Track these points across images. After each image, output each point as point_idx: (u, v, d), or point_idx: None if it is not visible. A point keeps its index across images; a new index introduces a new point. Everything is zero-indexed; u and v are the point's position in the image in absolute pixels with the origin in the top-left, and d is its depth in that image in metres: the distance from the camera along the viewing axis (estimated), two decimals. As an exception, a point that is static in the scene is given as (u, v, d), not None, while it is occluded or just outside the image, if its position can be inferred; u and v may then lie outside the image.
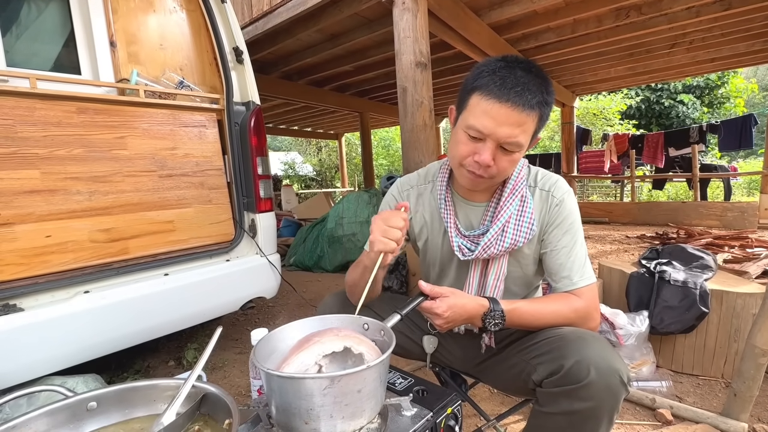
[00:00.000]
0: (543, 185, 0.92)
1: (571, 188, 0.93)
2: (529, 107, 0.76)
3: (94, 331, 1.37)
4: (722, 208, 4.98)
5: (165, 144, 1.65)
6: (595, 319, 0.86)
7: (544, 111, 0.80)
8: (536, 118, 0.79)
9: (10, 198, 1.28)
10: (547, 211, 0.90)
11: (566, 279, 0.86)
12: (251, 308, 2.64)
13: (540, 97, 0.77)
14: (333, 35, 3.67)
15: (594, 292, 0.87)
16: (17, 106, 1.32)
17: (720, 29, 3.79)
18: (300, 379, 0.56)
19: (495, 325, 0.81)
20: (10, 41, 1.42)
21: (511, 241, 0.87)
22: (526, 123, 0.77)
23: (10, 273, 1.28)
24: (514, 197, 0.88)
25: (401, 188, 1.04)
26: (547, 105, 0.79)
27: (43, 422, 0.51)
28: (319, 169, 16.18)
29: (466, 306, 0.80)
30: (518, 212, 0.88)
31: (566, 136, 6.83)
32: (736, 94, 12.42)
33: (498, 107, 0.75)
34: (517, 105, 0.75)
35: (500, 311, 0.81)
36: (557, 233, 0.88)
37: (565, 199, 0.89)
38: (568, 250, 0.87)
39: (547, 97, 0.79)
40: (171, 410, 0.54)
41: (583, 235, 0.91)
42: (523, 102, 0.75)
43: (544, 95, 0.78)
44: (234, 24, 1.89)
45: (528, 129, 0.78)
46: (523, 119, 0.76)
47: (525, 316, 0.83)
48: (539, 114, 0.79)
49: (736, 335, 1.56)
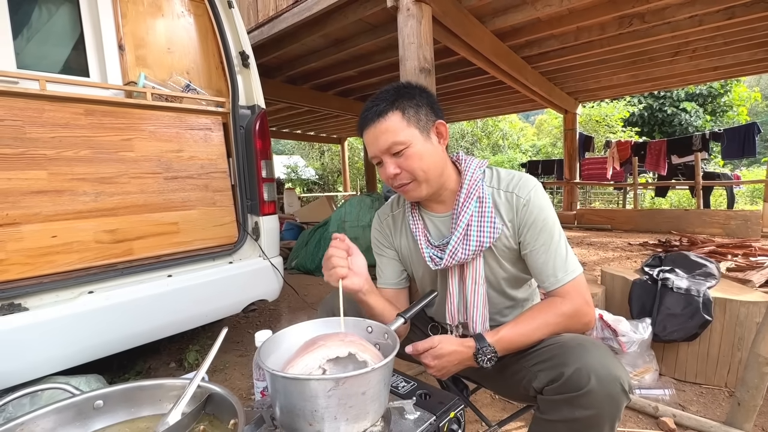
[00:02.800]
0: (506, 186, 0.91)
1: (538, 182, 0.92)
2: (381, 114, 0.85)
3: (97, 331, 1.37)
4: (725, 216, 4.96)
5: (171, 146, 1.67)
6: (587, 314, 0.85)
7: (406, 104, 0.85)
8: (397, 115, 0.84)
9: (17, 198, 1.29)
10: (516, 213, 0.89)
11: (552, 277, 0.86)
12: (253, 311, 2.64)
13: (389, 99, 0.85)
14: (338, 40, 3.71)
15: (581, 285, 0.86)
16: (27, 107, 1.33)
17: (723, 38, 3.80)
18: (305, 380, 0.57)
19: (489, 361, 0.80)
20: (21, 44, 1.44)
21: (476, 242, 0.87)
22: (388, 127, 0.84)
23: (16, 272, 1.28)
24: (470, 200, 0.89)
25: (380, 218, 1.09)
26: (403, 98, 0.85)
27: (50, 420, 0.52)
28: (321, 173, 16.23)
29: (452, 353, 0.81)
30: (478, 212, 0.89)
31: (569, 143, 6.84)
32: (739, 102, 12.42)
33: (367, 133, 0.88)
34: (372, 120, 0.86)
35: (488, 346, 0.80)
36: (533, 233, 0.88)
37: (531, 197, 0.88)
38: (547, 247, 0.87)
39: (398, 94, 0.86)
40: (176, 410, 0.54)
41: (561, 229, 0.89)
42: (373, 114, 0.85)
43: (393, 96, 0.86)
44: (241, 28, 1.91)
45: (397, 128, 0.84)
46: (386, 125, 0.84)
47: (514, 340, 0.82)
48: (399, 110, 0.85)
49: (740, 344, 1.55)
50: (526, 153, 16.18)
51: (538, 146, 16.43)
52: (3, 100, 1.29)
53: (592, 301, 0.87)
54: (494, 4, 3.00)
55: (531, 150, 16.45)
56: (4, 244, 1.26)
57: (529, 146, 16.70)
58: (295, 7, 3.06)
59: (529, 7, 3.03)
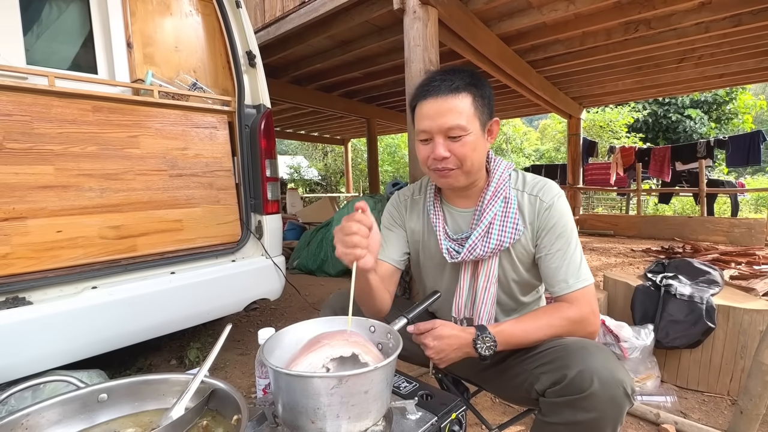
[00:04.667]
0: (531, 190, 0.92)
1: (562, 191, 0.93)
2: (454, 90, 0.82)
3: (100, 326, 1.38)
4: (729, 224, 4.94)
5: (176, 144, 1.68)
6: (593, 323, 0.85)
7: (476, 92, 0.84)
8: (469, 99, 0.83)
9: (24, 193, 1.30)
10: (537, 216, 0.90)
11: (562, 282, 0.86)
12: (254, 309, 2.64)
13: (465, 80, 0.83)
14: (343, 42, 3.72)
15: (591, 295, 0.86)
16: (35, 103, 1.35)
17: (729, 45, 3.80)
18: (308, 377, 0.57)
19: (488, 349, 0.80)
20: (31, 40, 1.46)
21: (496, 241, 0.88)
22: (458, 106, 0.82)
23: (21, 266, 1.29)
24: (497, 199, 0.90)
25: (399, 199, 1.08)
26: (476, 87, 0.84)
27: (55, 412, 0.52)
28: (324, 174, 16.25)
29: (452, 336, 0.81)
30: (502, 213, 0.89)
31: (572, 148, 6.82)
32: (744, 110, 12.38)
33: (428, 104, 0.84)
34: (440, 93, 0.82)
35: (489, 334, 0.80)
36: (550, 237, 0.88)
37: (554, 202, 0.89)
38: (563, 252, 0.87)
39: (473, 80, 0.84)
40: (180, 404, 0.55)
41: (578, 238, 0.90)
42: (446, 88, 0.82)
43: (469, 78, 0.84)
44: (248, 28, 1.92)
45: (463, 110, 0.82)
46: (453, 103, 0.82)
47: (515, 334, 0.82)
48: (471, 95, 0.83)
49: (743, 352, 1.54)
50: (530, 157, 16.15)
51: (541, 151, 16.40)
52: (12, 95, 1.30)
53: (599, 313, 0.87)
54: (500, 8, 3.01)
55: (534, 154, 16.42)
56: (9, 237, 1.27)
57: (533, 150, 16.67)
58: (301, 8, 3.07)
59: (535, 12, 3.03)
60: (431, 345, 0.81)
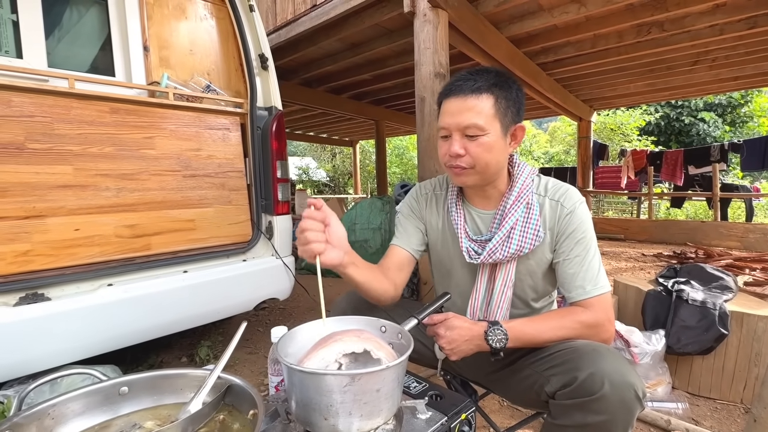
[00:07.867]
0: (553, 195, 0.92)
1: (584, 197, 0.93)
2: (476, 91, 0.83)
3: (115, 323, 1.41)
4: (744, 229, 4.85)
5: (190, 145, 1.71)
6: (607, 330, 0.85)
7: (500, 93, 0.84)
8: (491, 101, 0.84)
9: (44, 192, 1.34)
10: (557, 221, 0.90)
11: (579, 288, 0.86)
12: (263, 309, 2.67)
13: (489, 81, 0.84)
14: (353, 44, 3.74)
15: (607, 302, 0.86)
16: (56, 104, 1.39)
17: (744, 47, 3.74)
18: (321, 375, 0.58)
19: (499, 342, 0.80)
20: (52, 43, 1.50)
21: (516, 246, 0.88)
22: (477, 106, 0.83)
23: (40, 263, 1.33)
24: (520, 204, 0.91)
25: (420, 190, 1.09)
26: (500, 88, 0.84)
27: (80, 403, 0.54)
28: (332, 175, 16.33)
29: (464, 326, 0.82)
30: (524, 218, 0.90)
31: (583, 151, 6.77)
32: (760, 113, 12.15)
33: (451, 102, 0.86)
34: (462, 92, 0.84)
35: (500, 328, 0.81)
36: (569, 243, 0.89)
37: (576, 208, 0.90)
38: (581, 259, 0.87)
39: (498, 81, 0.84)
40: (197, 399, 0.56)
41: (597, 246, 0.90)
42: (469, 87, 0.83)
43: (494, 79, 0.84)
44: (261, 32, 1.95)
45: (482, 111, 0.83)
46: (473, 103, 0.83)
47: (527, 332, 0.83)
48: (493, 97, 0.84)
49: (757, 359, 1.52)
50: (539, 160, 16.04)
51: (550, 153, 16.27)
52: (34, 97, 1.34)
53: (614, 321, 0.87)
54: (511, 10, 3.00)
55: (543, 157, 16.30)
56: (30, 235, 1.31)
57: (542, 153, 16.55)
58: (312, 11, 3.11)
59: (545, 14, 3.02)
60: (443, 335, 0.82)
